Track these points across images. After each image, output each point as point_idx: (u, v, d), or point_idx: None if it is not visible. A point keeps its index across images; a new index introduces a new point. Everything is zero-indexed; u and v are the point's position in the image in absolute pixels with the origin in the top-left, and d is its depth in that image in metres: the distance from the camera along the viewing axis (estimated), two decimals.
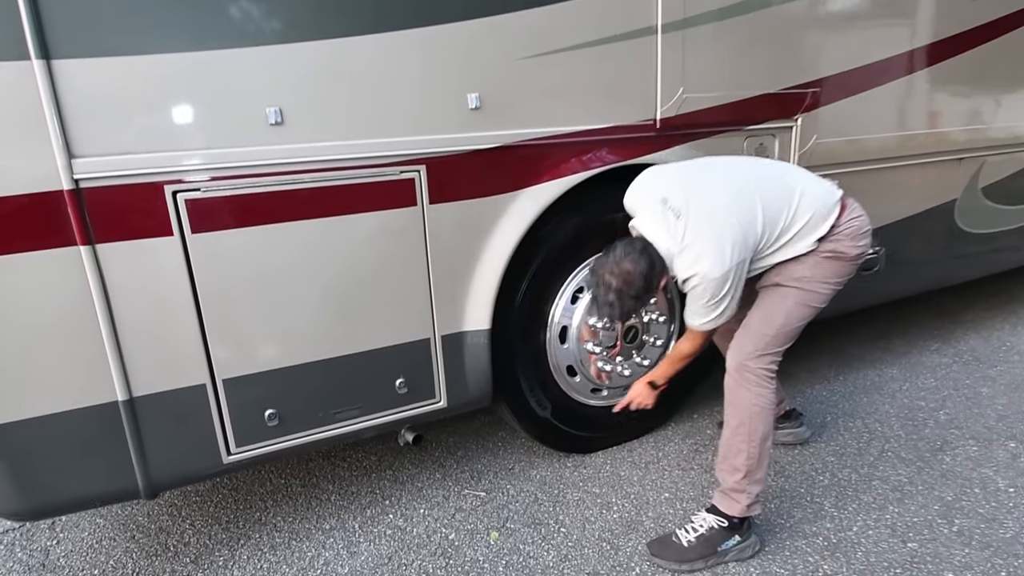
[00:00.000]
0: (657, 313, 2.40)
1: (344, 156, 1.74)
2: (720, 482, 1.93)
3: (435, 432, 2.68)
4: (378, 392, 1.95)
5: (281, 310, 1.76)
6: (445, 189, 1.90)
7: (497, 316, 2.11)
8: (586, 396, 2.41)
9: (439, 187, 1.88)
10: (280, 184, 1.68)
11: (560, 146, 2.04)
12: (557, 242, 2.18)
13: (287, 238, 1.72)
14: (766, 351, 1.90)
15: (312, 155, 1.70)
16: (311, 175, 1.71)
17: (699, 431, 2.65)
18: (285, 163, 1.68)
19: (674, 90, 2.17)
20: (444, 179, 1.89)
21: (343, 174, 1.75)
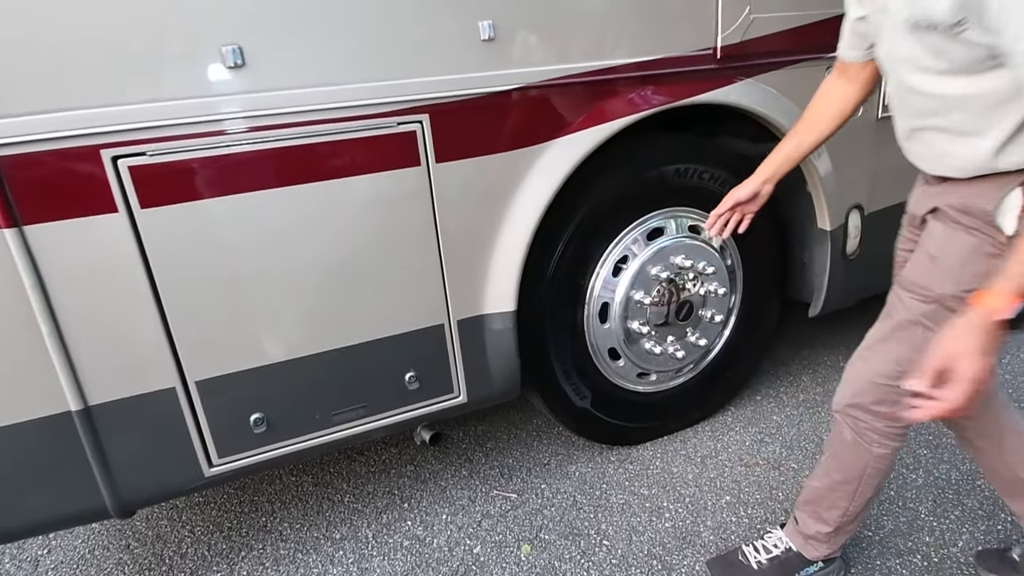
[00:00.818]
0: (717, 284, 2.03)
1: (323, 105, 1.40)
2: (799, 521, 1.56)
3: (461, 421, 2.40)
4: (385, 388, 1.66)
5: (260, 297, 1.46)
6: (454, 143, 1.54)
7: (524, 294, 1.77)
8: (632, 381, 2.07)
9: (447, 141, 1.53)
10: (245, 143, 1.36)
11: (595, 85, 1.65)
12: (595, 204, 1.81)
13: (260, 210, 1.40)
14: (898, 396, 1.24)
15: (282, 105, 1.36)
16: (284, 131, 1.38)
17: (763, 417, 2.29)
18: (249, 116, 1.35)
19: (739, 9, 1.74)
20: (453, 131, 1.53)
21: (324, 128, 1.41)
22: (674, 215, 1.96)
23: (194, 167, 1.33)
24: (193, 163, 1.32)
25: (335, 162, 1.44)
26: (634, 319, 1.95)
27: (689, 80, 1.76)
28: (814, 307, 2.26)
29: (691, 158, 1.92)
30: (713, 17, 1.73)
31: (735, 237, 2.08)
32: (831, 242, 2.13)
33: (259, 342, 1.50)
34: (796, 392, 2.44)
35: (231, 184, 1.36)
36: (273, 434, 1.57)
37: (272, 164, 1.39)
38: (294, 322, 1.51)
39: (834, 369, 2.59)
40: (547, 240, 1.79)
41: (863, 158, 2.12)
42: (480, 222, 1.63)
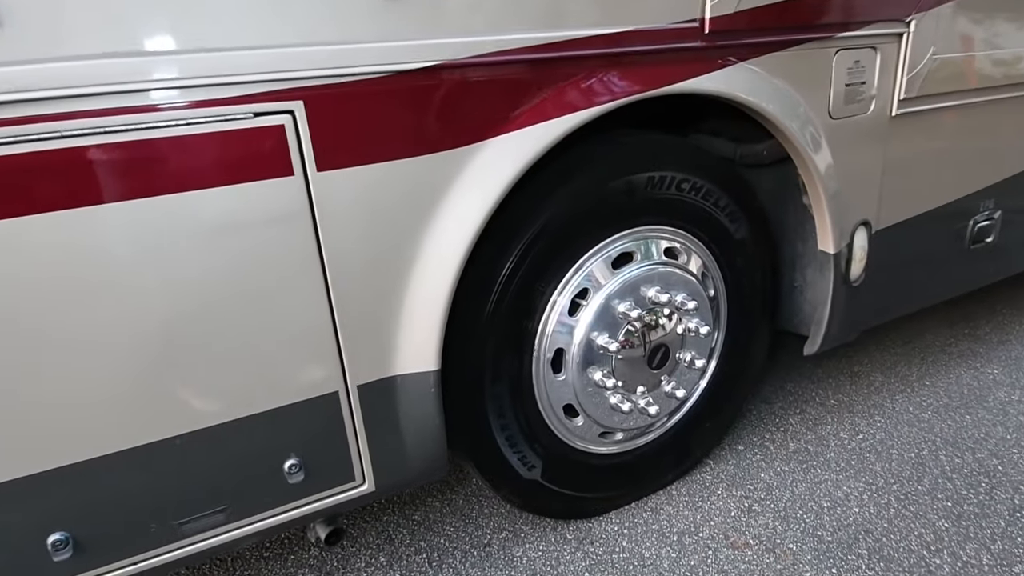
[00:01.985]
0: (698, 321, 1.62)
1: (133, 84, 0.92)
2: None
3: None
4: (254, 484, 1.20)
5: (55, 373, 0.99)
6: (344, 144, 1.09)
7: (453, 344, 1.34)
8: (592, 443, 1.66)
9: (333, 140, 1.07)
10: (11, 140, 0.88)
11: (544, 66, 1.22)
12: (544, 224, 1.38)
13: (43, 240, 0.92)
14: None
15: (65, 83, 0.89)
16: (72, 123, 0.90)
17: (749, 476, 1.91)
18: (17, 99, 0.87)
19: None
20: (341, 126, 1.07)
21: (139, 120, 0.94)
22: (646, 236, 1.55)
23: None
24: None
25: (161, 171, 0.97)
26: (596, 368, 1.54)
27: (668, 62, 1.34)
28: (811, 344, 1.88)
29: (668, 164, 1.50)
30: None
31: (719, 260, 1.70)
32: (834, 267, 1.76)
33: (55, 435, 1.02)
34: (784, 439, 2.07)
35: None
36: (84, 559, 1.09)
37: (56, 174, 0.91)
38: (109, 403, 1.04)
39: (824, 408, 2.24)
40: (482, 272, 1.36)
41: (872, 164, 1.75)
42: (386, 254, 1.18)
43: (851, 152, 1.68)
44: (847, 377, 2.43)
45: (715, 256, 1.68)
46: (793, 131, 1.52)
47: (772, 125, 1.52)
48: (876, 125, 1.70)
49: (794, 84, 1.50)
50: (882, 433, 2.08)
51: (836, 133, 1.62)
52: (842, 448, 2.02)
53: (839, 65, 1.57)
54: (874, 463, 1.95)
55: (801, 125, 1.53)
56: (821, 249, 1.76)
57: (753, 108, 1.46)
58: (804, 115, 1.54)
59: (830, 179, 1.65)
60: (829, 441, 2.06)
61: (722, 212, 1.64)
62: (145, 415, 1.07)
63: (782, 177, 1.82)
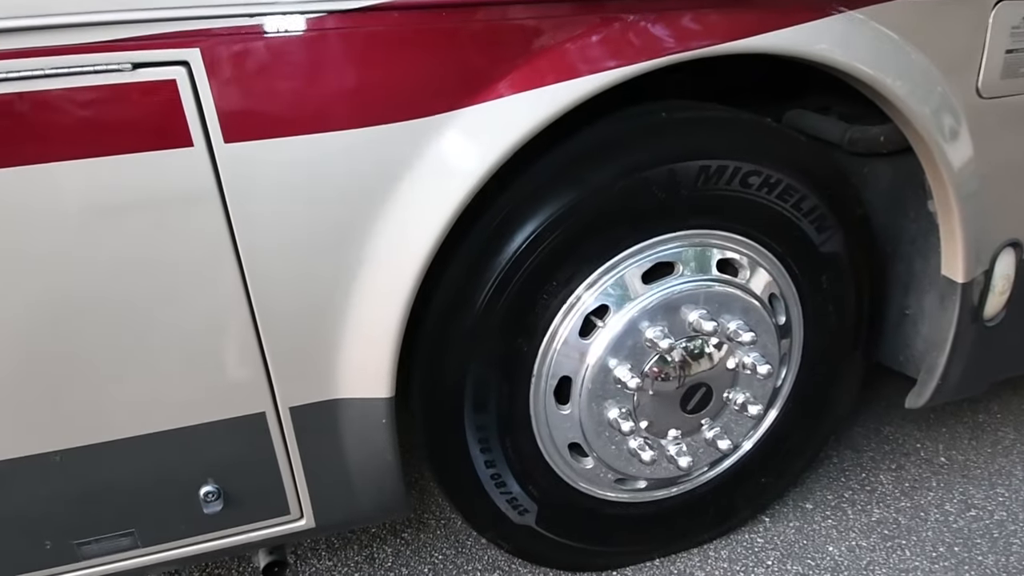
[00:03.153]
0: (756, 356, 1.26)
1: None
2: None
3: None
4: (163, 509, 1.02)
5: None
6: (261, 106, 0.83)
7: (423, 364, 1.08)
8: (606, 488, 1.35)
9: (245, 102, 0.82)
10: None
11: (549, 7, 0.89)
12: (551, 221, 1.07)
13: None
14: None
15: None
16: None
17: (812, 545, 1.53)
18: None
19: None
20: (256, 83, 0.82)
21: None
22: (694, 244, 1.19)
23: None
24: None
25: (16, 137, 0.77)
26: (612, 405, 1.22)
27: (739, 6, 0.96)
28: (917, 395, 1.45)
29: (731, 149, 1.13)
30: None
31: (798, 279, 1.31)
32: (961, 300, 1.31)
33: None
34: (868, 503, 1.65)
35: None
36: None
37: None
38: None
39: (930, 468, 1.77)
40: (463, 277, 1.08)
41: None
42: (321, 250, 0.93)
43: (1005, 145, 1.21)
44: (967, 428, 1.93)
45: (791, 274, 1.29)
46: (918, 112, 1.09)
47: (887, 103, 1.09)
48: None
49: (926, 45, 1.06)
50: (1003, 512, 1.61)
51: (985, 118, 1.17)
52: (945, 526, 1.58)
53: (999, 21, 1.10)
54: (986, 554, 1.50)
55: (931, 104, 1.10)
56: (945, 275, 1.31)
57: (859, 78, 1.04)
58: (937, 90, 1.10)
59: (969, 181, 1.20)
60: (929, 514, 1.62)
61: (806, 217, 1.24)
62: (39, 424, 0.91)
63: (905, 171, 1.38)
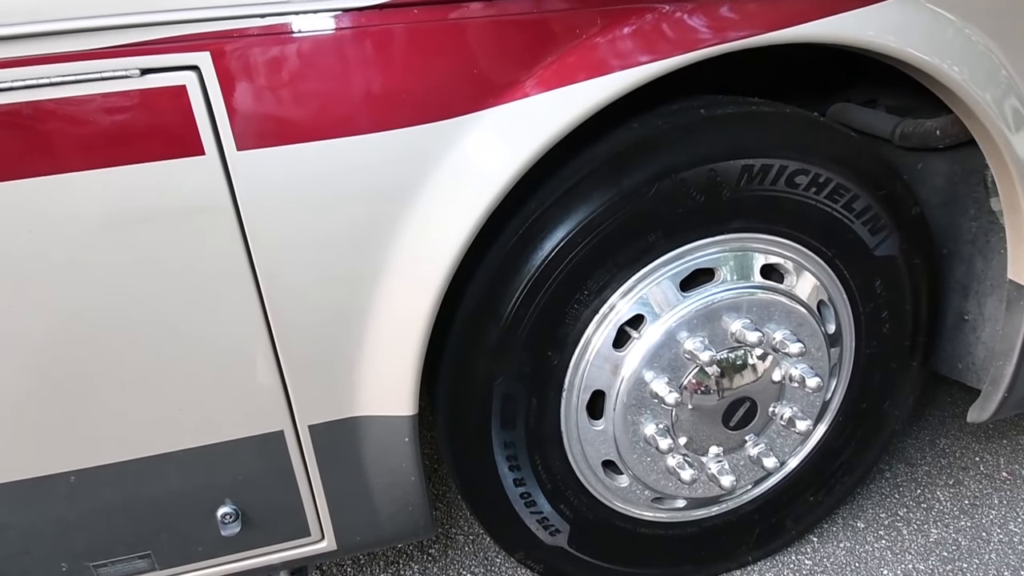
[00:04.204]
0: (804, 368, 1.17)
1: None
2: None
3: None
4: (178, 531, 0.98)
5: None
6: (275, 112, 0.79)
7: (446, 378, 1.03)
8: (643, 507, 1.28)
9: (258, 108, 0.78)
10: None
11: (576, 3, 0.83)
12: (581, 227, 1.00)
13: None
14: None
15: None
16: None
17: (865, 567, 1.43)
18: None
19: None
20: (269, 88, 0.78)
21: None
22: (737, 248, 1.12)
23: None
24: None
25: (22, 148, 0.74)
26: (649, 420, 1.15)
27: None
28: (981, 409, 1.34)
29: (777, 147, 1.05)
30: None
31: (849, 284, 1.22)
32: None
33: None
34: (925, 522, 1.54)
35: None
36: None
37: None
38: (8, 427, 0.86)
39: (991, 484, 1.65)
40: (487, 287, 1.02)
41: None
42: (340, 262, 0.88)
43: None
44: None
45: (842, 279, 1.20)
46: (981, 100, 0.99)
47: (949, 93, 1.00)
48: None
49: (991, 28, 0.97)
50: None
51: None
52: (1009, 548, 1.46)
53: None
54: None
55: (995, 91, 1.00)
56: (1012, 279, 1.21)
57: (915, 65, 0.95)
58: (1002, 75, 1.00)
59: None
60: (991, 534, 1.50)
61: (858, 218, 1.15)
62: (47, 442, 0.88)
63: (964, 167, 1.29)
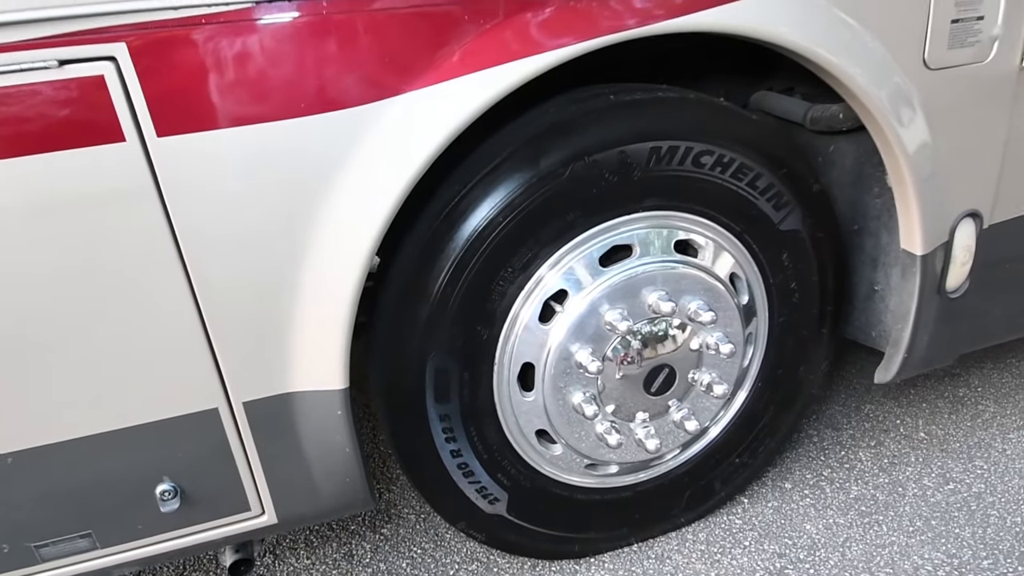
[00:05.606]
0: (719, 336, 1.26)
1: None
2: None
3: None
4: (119, 509, 1.02)
5: None
6: (193, 100, 0.83)
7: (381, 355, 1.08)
8: (577, 474, 1.35)
9: (176, 96, 0.82)
10: None
11: None
12: (501, 208, 1.07)
13: None
14: None
15: None
16: None
17: (790, 524, 1.52)
18: None
19: None
20: (185, 76, 0.82)
21: None
22: (650, 225, 1.19)
23: None
24: None
25: None
26: (576, 390, 1.22)
27: None
28: (885, 370, 1.45)
29: (681, 129, 1.13)
30: None
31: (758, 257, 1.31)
32: (922, 272, 1.31)
33: None
34: (847, 481, 1.65)
35: None
36: None
37: None
38: None
39: (909, 443, 1.77)
40: (414, 267, 1.08)
41: (988, 133, 1.26)
42: (265, 242, 0.93)
43: (957, 116, 1.21)
44: (947, 403, 1.93)
45: (752, 252, 1.29)
46: (862, 86, 1.09)
47: (831, 77, 1.09)
48: (999, 78, 1.21)
49: (864, 16, 1.06)
50: (981, 485, 1.61)
51: (934, 89, 1.17)
52: (923, 501, 1.57)
53: None
54: (963, 526, 1.49)
55: (876, 78, 1.10)
56: (904, 248, 1.31)
57: (797, 52, 1.04)
58: (882, 62, 1.10)
59: (922, 154, 1.20)
60: (907, 489, 1.61)
61: (762, 195, 1.24)
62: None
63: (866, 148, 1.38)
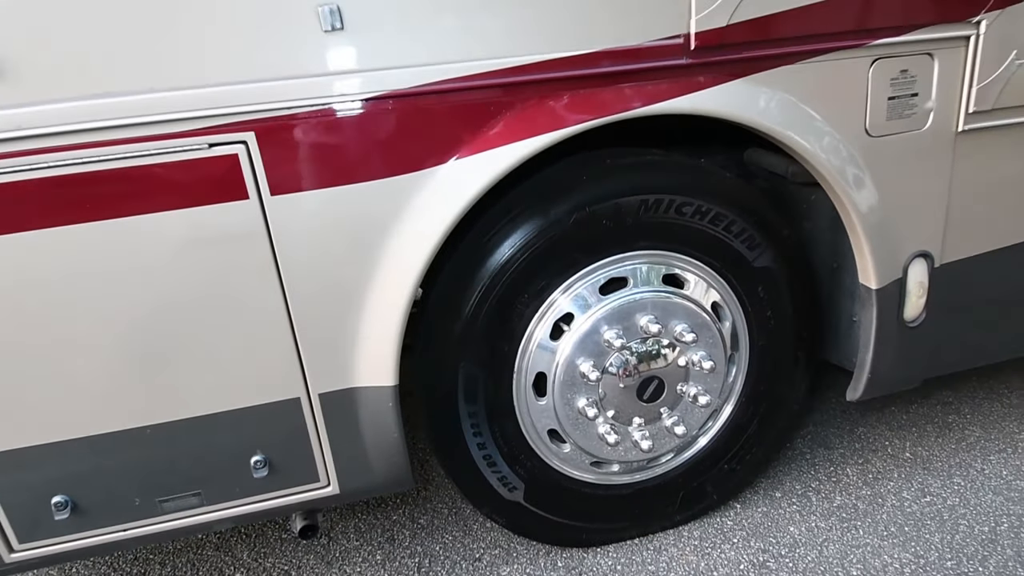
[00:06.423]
0: (701, 355, 1.51)
1: (105, 122, 1.07)
2: None
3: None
4: (222, 475, 1.33)
5: (54, 363, 1.17)
6: (296, 170, 1.17)
7: (423, 361, 1.38)
8: (584, 471, 1.60)
9: (285, 167, 1.16)
10: (13, 170, 1.06)
11: (506, 90, 1.21)
12: (520, 247, 1.36)
13: (36, 255, 1.11)
14: None
15: (49, 123, 1.05)
16: (54, 155, 1.07)
17: (776, 526, 1.73)
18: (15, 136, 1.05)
19: None
20: (292, 154, 1.16)
21: (108, 152, 1.08)
22: (642, 262, 1.47)
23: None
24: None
25: (132, 196, 1.12)
26: (580, 396, 1.49)
27: (647, 81, 1.26)
28: (853, 389, 1.67)
29: (663, 185, 1.41)
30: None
31: (737, 290, 1.56)
32: (878, 304, 1.54)
33: (59, 413, 1.21)
34: (832, 492, 1.84)
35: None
36: (80, 520, 1.28)
37: (46, 197, 1.09)
38: (96, 392, 1.21)
39: (894, 462, 1.95)
40: (452, 291, 1.38)
41: (932, 187, 1.50)
42: (342, 272, 1.25)
43: (900, 174, 1.46)
44: (936, 428, 2.10)
45: (731, 285, 1.55)
46: (810, 150, 1.36)
47: (784, 146, 1.37)
48: (936, 142, 1.46)
49: (811, 99, 1.34)
50: (956, 499, 1.78)
51: (877, 152, 1.42)
52: (899, 510, 1.76)
53: (878, 76, 1.37)
54: (933, 532, 1.67)
55: (822, 144, 1.37)
56: (862, 283, 1.55)
57: (755, 128, 1.33)
58: (825, 132, 1.37)
59: (868, 204, 1.45)
60: (886, 500, 1.80)
61: (737, 238, 1.50)
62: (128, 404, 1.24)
63: None
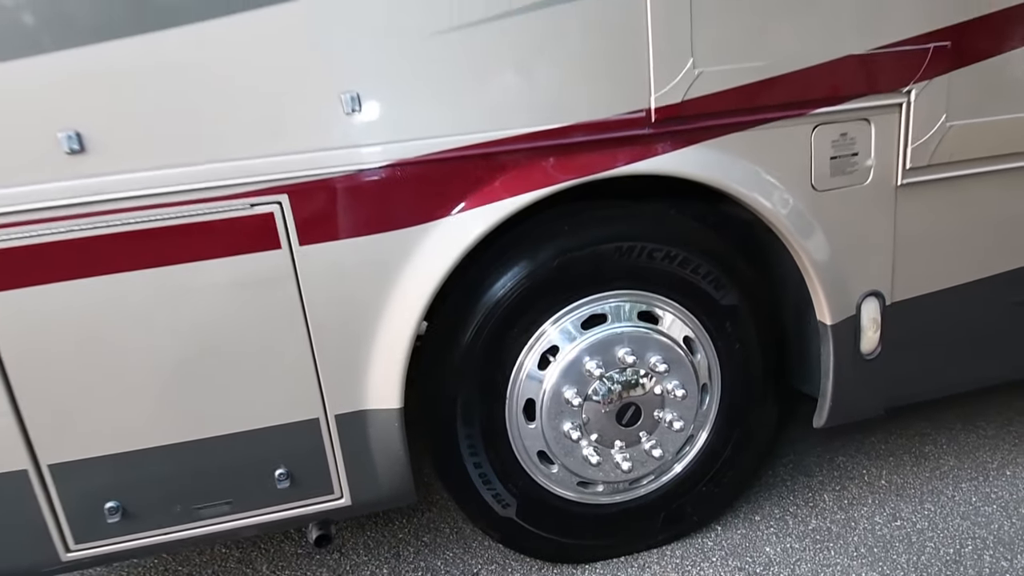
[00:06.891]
0: (675, 383, 1.69)
1: (169, 188, 1.32)
2: None
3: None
4: (250, 485, 1.53)
5: (112, 382, 1.40)
6: (321, 224, 1.40)
7: (426, 387, 1.58)
8: (571, 490, 1.77)
9: (312, 222, 1.39)
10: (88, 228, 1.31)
11: (493, 158, 1.45)
12: (509, 289, 1.57)
13: (105, 295, 1.35)
14: None
15: (126, 189, 1.31)
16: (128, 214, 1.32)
17: (753, 547, 1.86)
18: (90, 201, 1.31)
19: (678, 63, 1.45)
20: (318, 211, 1.39)
21: (171, 211, 1.33)
22: (619, 301, 1.67)
23: (30, 252, 1.30)
24: (29, 249, 1.30)
25: (184, 245, 1.36)
26: (565, 419, 1.67)
27: (614, 148, 1.49)
28: (818, 416, 1.82)
29: (636, 234, 1.62)
30: (644, 72, 1.45)
31: (706, 325, 1.75)
32: (834, 338, 1.71)
33: (113, 429, 1.43)
34: (808, 516, 1.97)
35: (71, 268, 1.32)
36: (129, 524, 1.49)
37: (117, 248, 1.33)
38: (148, 410, 1.43)
39: (869, 488, 2.08)
40: (450, 326, 1.59)
41: (878, 234, 1.69)
42: (357, 309, 1.47)
43: (847, 222, 1.65)
44: (912, 457, 2.22)
45: (701, 321, 1.73)
46: (759, 204, 1.56)
47: (737, 199, 1.57)
48: (879, 194, 1.65)
49: (760, 160, 1.55)
50: (925, 523, 1.90)
51: (824, 204, 1.62)
52: (870, 533, 1.88)
53: (820, 139, 1.58)
54: (900, 554, 1.79)
55: (771, 198, 1.57)
56: (819, 319, 1.73)
57: (711, 185, 1.54)
58: (775, 187, 1.57)
59: (818, 249, 1.64)
60: (859, 524, 1.92)
61: (704, 279, 1.69)
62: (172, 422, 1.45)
63: None
